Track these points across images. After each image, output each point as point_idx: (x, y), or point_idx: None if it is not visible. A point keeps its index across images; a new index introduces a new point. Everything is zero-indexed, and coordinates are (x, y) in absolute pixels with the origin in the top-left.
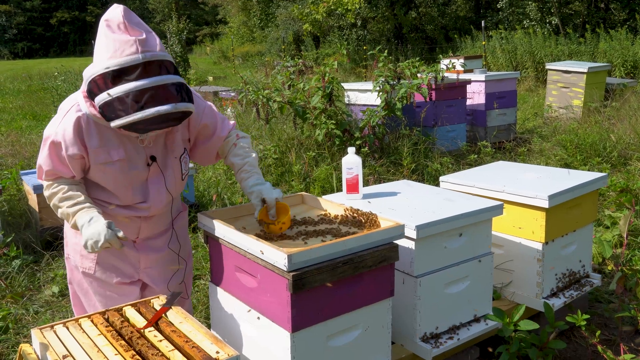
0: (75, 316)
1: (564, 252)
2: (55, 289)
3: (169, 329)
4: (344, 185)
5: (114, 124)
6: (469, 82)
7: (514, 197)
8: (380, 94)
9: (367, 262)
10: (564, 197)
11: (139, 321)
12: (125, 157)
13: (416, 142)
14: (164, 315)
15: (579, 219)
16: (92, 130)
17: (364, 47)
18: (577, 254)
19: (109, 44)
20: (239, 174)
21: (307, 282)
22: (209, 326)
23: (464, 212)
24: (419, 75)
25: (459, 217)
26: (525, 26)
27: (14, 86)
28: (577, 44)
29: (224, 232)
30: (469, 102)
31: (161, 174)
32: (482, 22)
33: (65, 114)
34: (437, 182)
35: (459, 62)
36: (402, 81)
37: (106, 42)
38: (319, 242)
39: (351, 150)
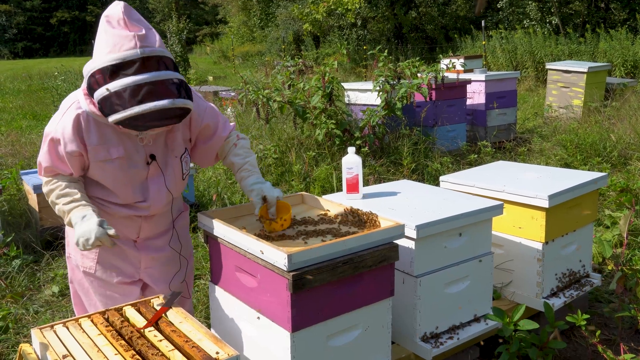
0: (76, 315)
1: (564, 252)
2: (55, 289)
3: (169, 329)
4: (344, 185)
5: (111, 118)
6: (469, 81)
7: (514, 197)
8: (380, 93)
9: (367, 261)
10: (564, 197)
11: (139, 321)
12: (124, 155)
13: (416, 141)
14: (164, 315)
15: (579, 218)
16: (92, 127)
17: (364, 47)
18: (577, 254)
19: (109, 40)
20: (239, 172)
21: (307, 282)
22: (209, 326)
23: (464, 212)
24: (419, 75)
25: (459, 217)
26: (525, 26)
27: (14, 86)
28: (577, 43)
29: (224, 231)
30: (469, 101)
31: (161, 173)
32: (482, 22)
33: (65, 112)
34: (437, 182)
35: (459, 62)
36: (402, 81)
37: (106, 38)
38: (319, 241)
39: (351, 150)
